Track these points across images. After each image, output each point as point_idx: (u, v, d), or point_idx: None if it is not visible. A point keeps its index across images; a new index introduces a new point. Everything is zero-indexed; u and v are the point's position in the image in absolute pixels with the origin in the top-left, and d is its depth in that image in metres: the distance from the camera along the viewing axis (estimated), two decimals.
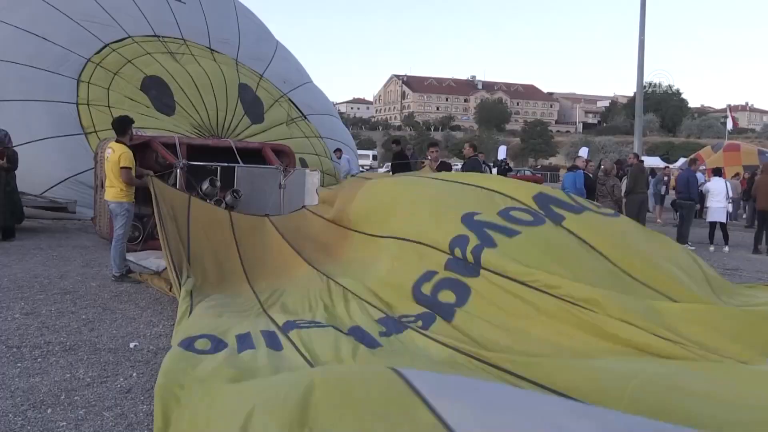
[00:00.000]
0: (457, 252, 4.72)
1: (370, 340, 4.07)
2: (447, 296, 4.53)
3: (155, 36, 14.51)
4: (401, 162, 14.44)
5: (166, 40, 14.68)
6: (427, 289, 4.68)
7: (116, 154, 6.79)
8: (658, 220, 16.84)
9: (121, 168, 6.78)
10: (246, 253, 6.21)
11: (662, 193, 18.35)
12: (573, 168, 11.81)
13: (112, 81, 13.14)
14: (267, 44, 17.66)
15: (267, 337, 3.95)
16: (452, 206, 5.37)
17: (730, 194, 13.17)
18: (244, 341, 3.85)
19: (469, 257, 4.62)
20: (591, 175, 11.81)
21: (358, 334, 4.15)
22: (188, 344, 3.65)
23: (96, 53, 13.24)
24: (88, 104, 12.53)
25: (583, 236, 4.78)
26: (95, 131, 12.10)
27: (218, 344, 3.72)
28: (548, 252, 4.59)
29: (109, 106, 12.50)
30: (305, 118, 16.34)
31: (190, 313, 4.64)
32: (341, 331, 4.14)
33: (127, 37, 13.93)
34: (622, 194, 11.76)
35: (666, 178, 19.92)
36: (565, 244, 4.74)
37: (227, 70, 15.32)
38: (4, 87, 11.73)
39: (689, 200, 12.51)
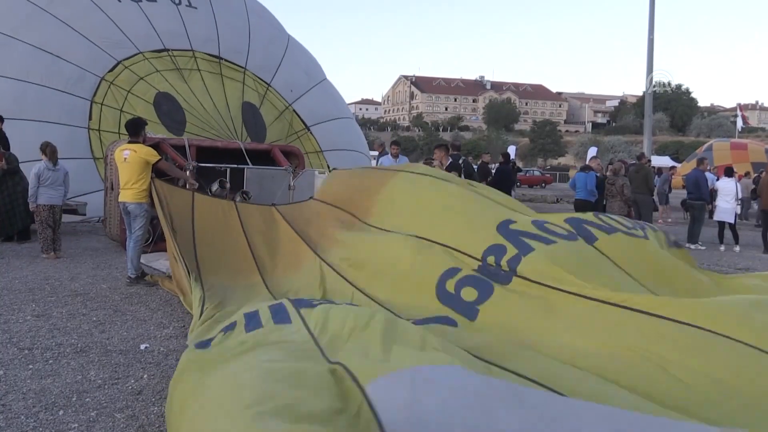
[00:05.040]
0: (491, 260, 4.67)
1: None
2: (469, 294, 4.44)
3: (165, 50, 14.44)
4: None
5: (176, 54, 14.60)
6: (450, 285, 4.59)
7: (138, 154, 6.79)
8: (659, 221, 16.70)
9: (157, 162, 6.87)
10: (255, 245, 6.24)
11: (666, 192, 18.16)
12: (586, 168, 11.86)
13: (124, 101, 13.22)
14: (278, 44, 17.30)
15: (274, 311, 3.83)
16: (487, 215, 5.33)
17: (740, 195, 13.07)
18: (252, 319, 3.79)
19: (504, 266, 4.55)
20: (598, 175, 11.80)
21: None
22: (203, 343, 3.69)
23: (109, 71, 13.30)
24: (99, 130, 12.68)
25: (617, 260, 4.69)
26: (103, 158, 12.25)
27: (227, 327, 3.77)
28: (585, 265, 4.49)
29: (119, 133, 12.52)
30: (308, 130, 16.13)
31: (203, 304, 4.74)
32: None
33: (138, 53, 13.91)
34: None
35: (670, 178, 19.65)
36: (600, 261, 4.67)
37: (232, 87, 15.24)
38: (22, 106, 11.80)
39: (699, 200, 12.44)
